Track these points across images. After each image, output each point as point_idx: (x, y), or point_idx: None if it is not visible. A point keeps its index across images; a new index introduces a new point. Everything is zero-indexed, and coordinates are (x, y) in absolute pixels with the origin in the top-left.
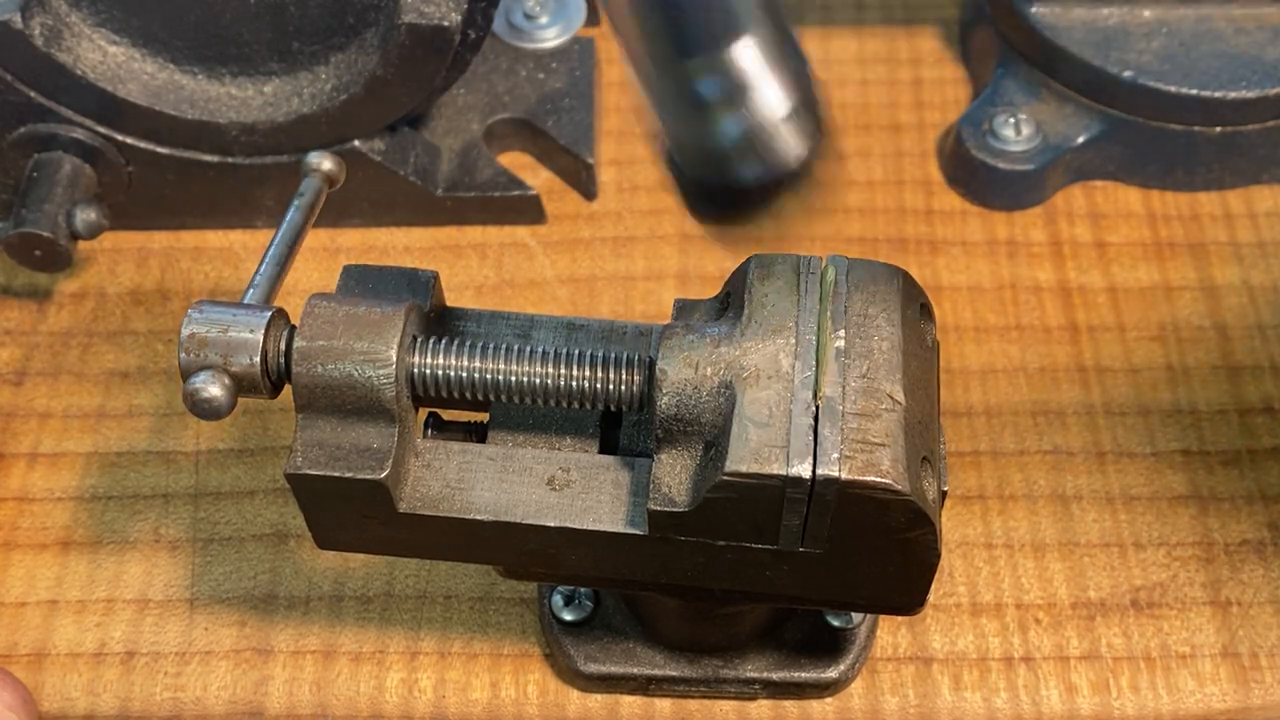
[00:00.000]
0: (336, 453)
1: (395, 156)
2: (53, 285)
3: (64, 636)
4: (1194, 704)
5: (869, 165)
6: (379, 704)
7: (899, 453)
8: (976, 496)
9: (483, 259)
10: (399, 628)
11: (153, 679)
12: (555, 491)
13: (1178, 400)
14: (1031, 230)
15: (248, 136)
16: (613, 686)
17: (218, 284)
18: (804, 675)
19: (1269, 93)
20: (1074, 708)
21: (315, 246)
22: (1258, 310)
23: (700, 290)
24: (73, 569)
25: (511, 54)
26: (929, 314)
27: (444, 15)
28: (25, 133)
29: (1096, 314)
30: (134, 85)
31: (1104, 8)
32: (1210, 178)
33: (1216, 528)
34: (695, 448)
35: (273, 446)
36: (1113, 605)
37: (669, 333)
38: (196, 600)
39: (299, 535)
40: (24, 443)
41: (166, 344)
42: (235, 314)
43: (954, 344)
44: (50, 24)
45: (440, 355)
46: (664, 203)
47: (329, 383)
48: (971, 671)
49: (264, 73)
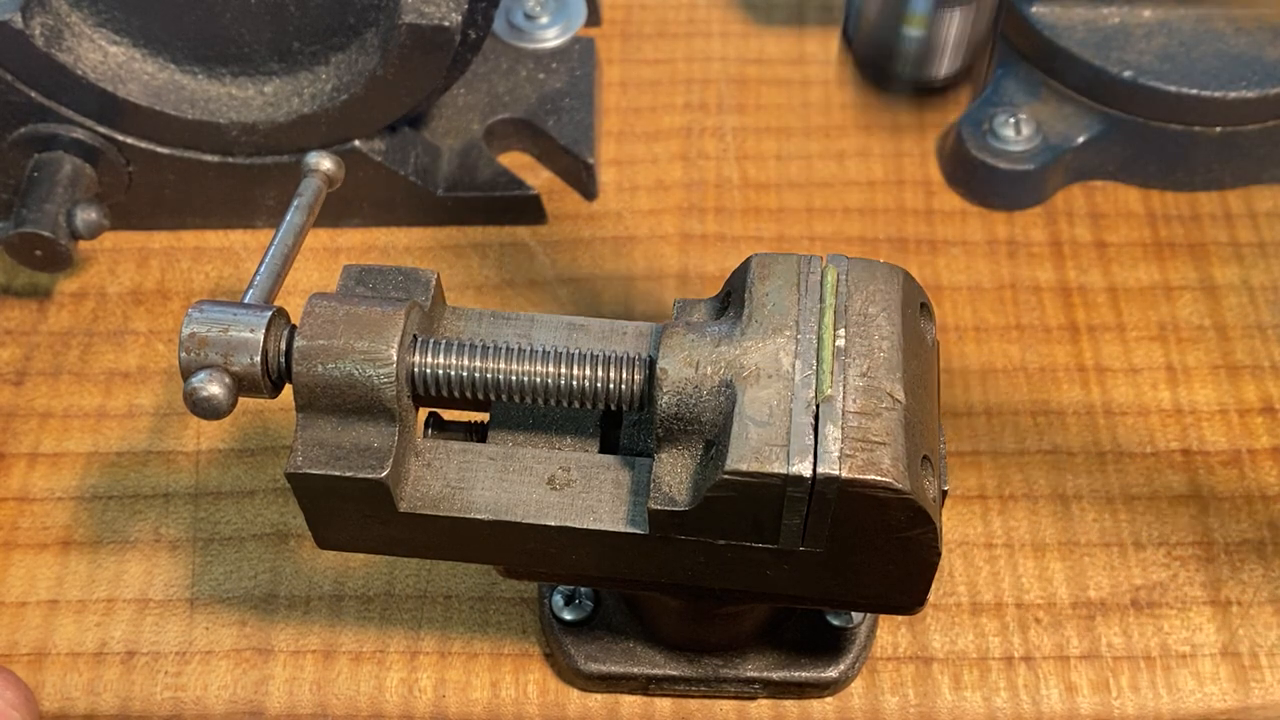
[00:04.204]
0: (337, 452)
1: (395, 156)
2: (53, 285)
3: (64, 636)
4: (1194, 704)
5: (869, 165)
6: (379, 704)
7: (899, 451)
8: (976, 496)
9: (483, 259)
10: (399, 627)
11: (153, 679)
12: (556, 491)
13: (1178, 400)
14: (1031, 230)
15: (248, 136)
16: (613, 686)
17: (218, 284)
18: (804, 675)
19: (1269, 93)
20: (1074, 707)
21: (315, 246)
22: (1258, 310)
23: (700, 290)
24: (73, 569)
25: (511, 54)
26: (929, 313)
27: (444, 15)
28: (26, 133)
29: (1096, 314)
30: (134, 85)
31: (1104, 8)
32: (1210, 178)
33: (1216, 528)
34: (696, 447)
35: (273, 446)
36: (1113, 605)
37: (669, 332)
38: (197, 600)
39: (299, 535)
40: (24, 443)
41: (166, 344)
42: (235, 313)
43: (954, 344)
44: (51, 24)
45: (441, 355)
46: (664, 203)
47: (329, 382)
48: (971, 671)
49: (264, 73)
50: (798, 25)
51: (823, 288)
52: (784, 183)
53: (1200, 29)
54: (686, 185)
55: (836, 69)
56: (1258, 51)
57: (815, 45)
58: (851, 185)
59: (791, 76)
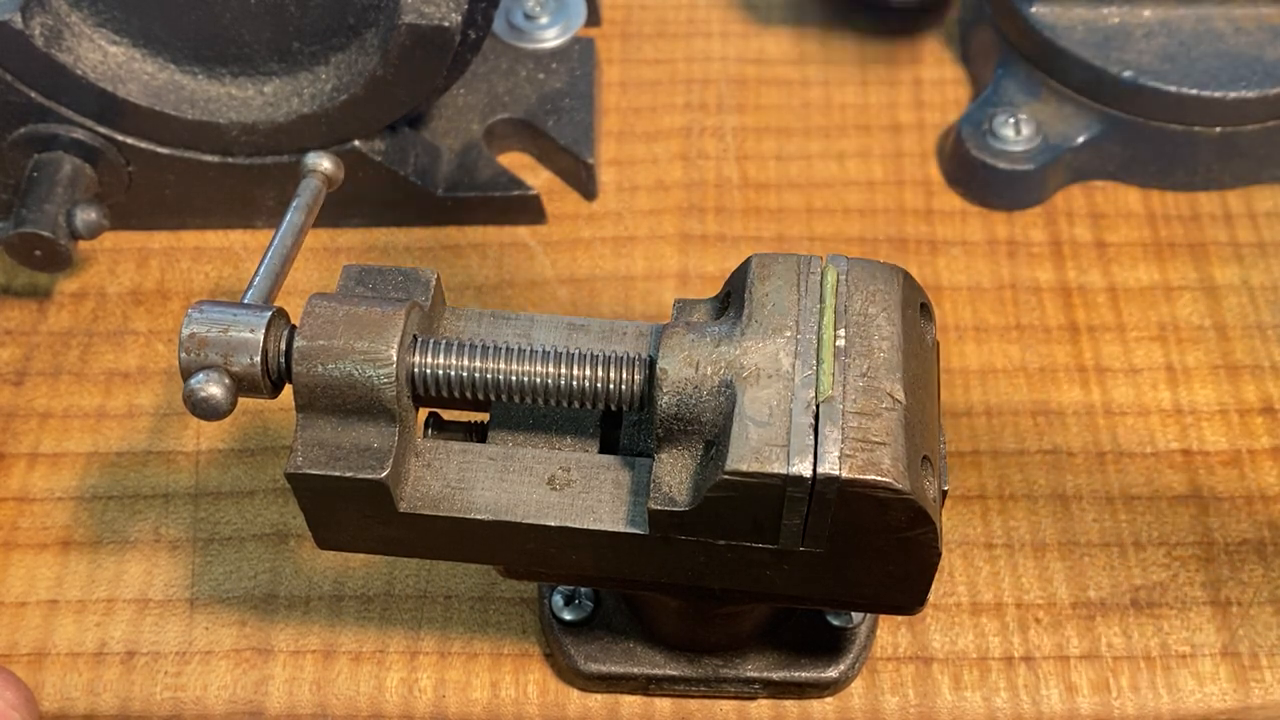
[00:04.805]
0: (337, 452)
1: (395, 156)
2: (53, 285)
3: (64, 636)
4: (1194, 704)
5: (869, 165)
6: (379, 704)
7: (899, 451)
8: (976, 496)
9: (483, 259)
10: (399, 627)
11: (153, 679)
12: (556, 491)
13: (1178, 400)
14: (1031, 230)
15: (248, 136)
16: (613, 686)
17: (218, 284)
18: (804, 675)
19: (1269, 93)
20: (1074, 707)
21: (315, 246)
22: (1258, 310)
23: (700, 290)
24: (73, 569)
25: (511, 54)
26: (929, 313)
27: (444, 15)
28: (25, 133)
29: (1096, 314)
30: (134, 85)
31: (1104, 8)
32: (1210, 178)
33: (1216, 528)
34: (696, 447)
35: (273, 446)
36: (1113, 605)
37: (669, 332)
38: (196, 600)
39: (299, 535)
40: (24, 443)
41: (166, 344)
42: (235, 314)
43: (954, 344)
44: (51, 24)
45: (440, 355)
46: (664, 203)
47: (329, 382)
48: (971, 671)
49: (264, 73)
50: (798, 25)
51: (823, 288)
52: (784, 183)
53: (1200, 29)
54: (686, 185)
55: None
56: (1258, 51)
57: (815, 45)
58: (851, 185)
59: (791, 76)
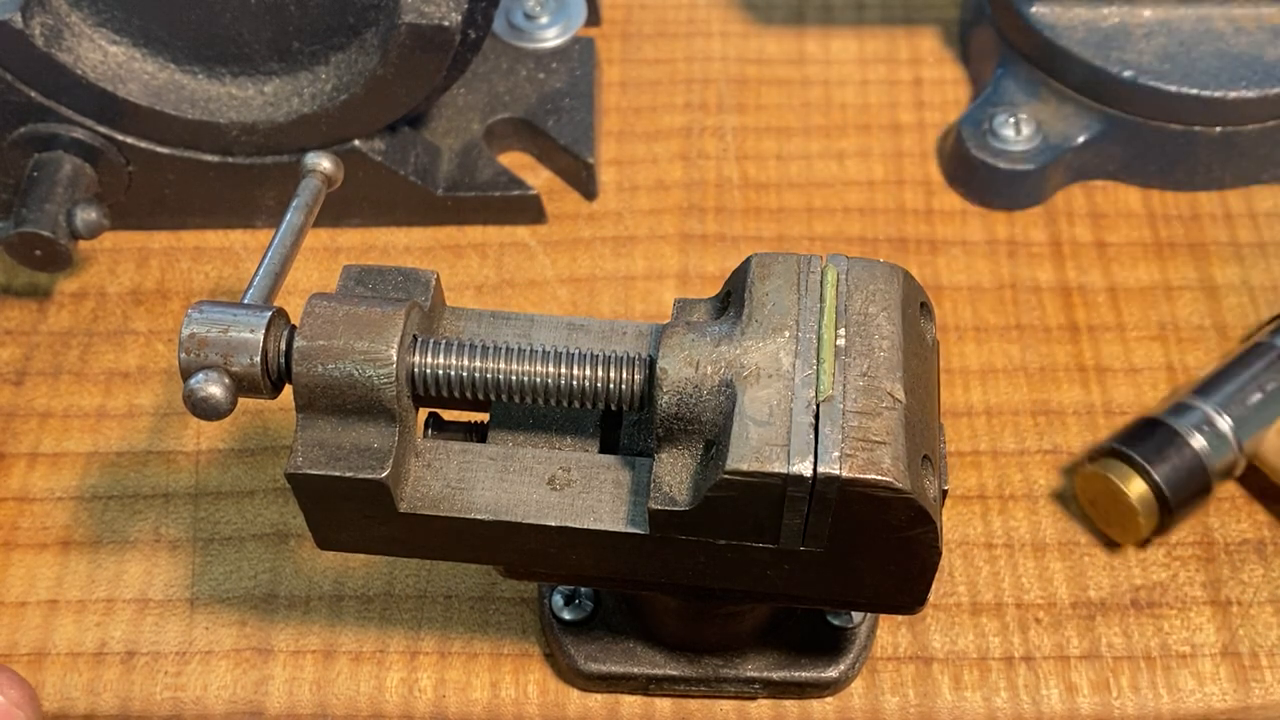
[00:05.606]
0: (337, 452)
1: (395, 156)
2: (53, 285)
3: (64, 636)
4: (1194, 704)
5: (869, 165)
6: (379, 704)
7: (900, 451)
8: (976, 496)
9: (483, 259)
10: (399, 627)
11: (153, 679)
12: (556, 491)
13: None
14: (1031, 230)
15: (248, 136)
16: (613, 686)
17: (218, 284)
18: (804, 675)
19: (1269, 93)
20: (1074, 707)
21: (315, 246)
22: (1258, 310)
23: (700, 290)
24: (73, 569)
25: (511, 54)
26: (929, 313)
27: (444, 15)
28: (25, 132)
29: (1096, 314)
30: (134, 85)
31: (1104, 7)
32: (1210, 178)
33: (1216, 528)
34: (696, 447)
35: (273, 446)
36: (1113, 605)
37: (669, 332)
38: (196, 600)
39: (299, 535)
40: (24, 443)
41: (166, 344)
42: (235, 314)
43: (954, 344)
44: (51, 24)
45: (440, 355)
46: (664, 202)
47: (329, 382)
48: (971, 671)
49: (264, 73)
50: (798, 25)
51: (823, 287)
52: (784, 183)
53: (1200, 29)
54: (686, 185)
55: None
56: (1258, 51)
57: (815, 45)
58: (851, 185)
59: (791, 76)
